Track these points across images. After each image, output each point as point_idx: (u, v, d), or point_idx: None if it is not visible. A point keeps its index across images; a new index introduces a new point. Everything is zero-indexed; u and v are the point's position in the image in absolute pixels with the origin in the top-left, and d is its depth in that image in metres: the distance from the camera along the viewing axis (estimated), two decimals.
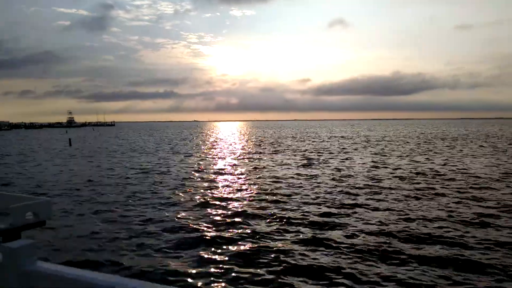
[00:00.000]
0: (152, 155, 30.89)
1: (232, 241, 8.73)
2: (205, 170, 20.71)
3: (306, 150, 33.97)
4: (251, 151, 33.86)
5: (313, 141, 47.65)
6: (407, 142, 43.22)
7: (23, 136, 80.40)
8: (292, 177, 17.64)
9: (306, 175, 18.42)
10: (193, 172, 19.93)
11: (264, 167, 21.51)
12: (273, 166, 22.01)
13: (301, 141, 49.10)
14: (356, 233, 9.12)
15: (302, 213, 11.03)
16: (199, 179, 17.74)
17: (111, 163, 25.03)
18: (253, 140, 53.89)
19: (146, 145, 43.65)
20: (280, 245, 8.36)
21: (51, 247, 8.44)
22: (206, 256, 7.79)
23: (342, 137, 59.70)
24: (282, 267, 7.14)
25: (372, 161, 23.96)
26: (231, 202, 12.78)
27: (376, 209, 11.54)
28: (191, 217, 10.81)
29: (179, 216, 10.98)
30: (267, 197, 13.38)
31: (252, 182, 16.51)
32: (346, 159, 25.72)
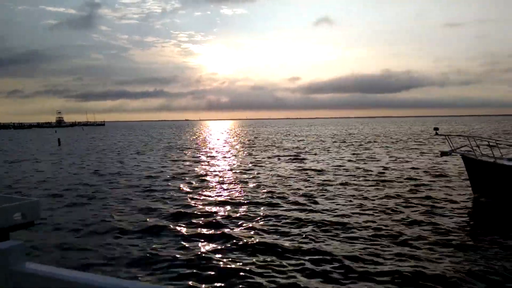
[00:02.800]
0: (146, 155, 31.19)
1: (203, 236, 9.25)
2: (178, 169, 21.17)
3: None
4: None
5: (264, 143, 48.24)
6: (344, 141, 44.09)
7: (11, 136, 79.82)
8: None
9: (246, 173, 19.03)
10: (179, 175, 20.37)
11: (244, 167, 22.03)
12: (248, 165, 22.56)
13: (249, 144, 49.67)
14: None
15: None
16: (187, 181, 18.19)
17: (101, 162, 25.35)
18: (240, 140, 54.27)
19: (139, 145, 43.86)
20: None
21: (40, 247, 8.63)
22: (200, 251, 8.29)
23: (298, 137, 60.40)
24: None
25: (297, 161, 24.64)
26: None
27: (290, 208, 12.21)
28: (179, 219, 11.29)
29: (168, 215, 11.46)
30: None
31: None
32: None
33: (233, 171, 20.73)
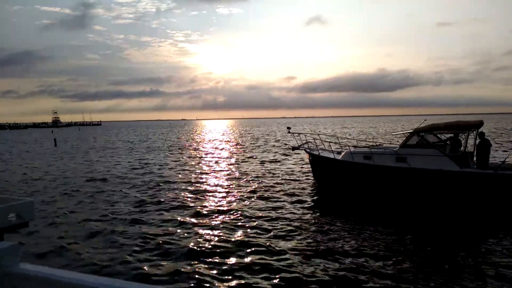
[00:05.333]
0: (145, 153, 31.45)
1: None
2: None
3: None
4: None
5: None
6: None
7: (7, 136, 79.57)
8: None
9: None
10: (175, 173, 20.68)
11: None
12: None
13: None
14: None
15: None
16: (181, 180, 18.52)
17: (99, 161, 25.63)
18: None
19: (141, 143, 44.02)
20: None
21: (35, 248, 8.87)
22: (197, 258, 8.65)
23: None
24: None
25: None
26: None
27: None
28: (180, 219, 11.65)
29: (163, 216, 11.81)
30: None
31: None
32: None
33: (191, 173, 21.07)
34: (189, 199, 13.89)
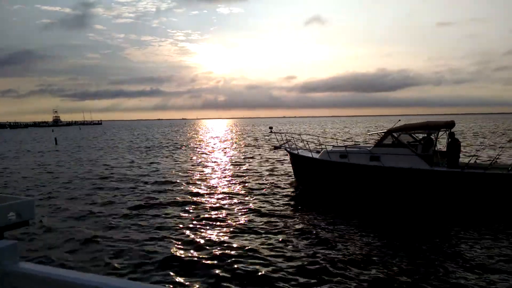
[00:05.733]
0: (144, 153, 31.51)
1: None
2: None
3: None
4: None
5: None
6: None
7: (8, 135, 79.67)
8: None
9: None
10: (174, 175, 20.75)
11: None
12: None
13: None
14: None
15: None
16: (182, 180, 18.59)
17: (98, 161, 25.71)
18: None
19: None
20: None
21: (34, 247, 8.95)
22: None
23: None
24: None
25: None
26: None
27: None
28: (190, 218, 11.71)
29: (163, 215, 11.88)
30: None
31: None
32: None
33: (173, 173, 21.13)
34: (176, 199, 13.95)
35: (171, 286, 6.85)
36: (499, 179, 11.97)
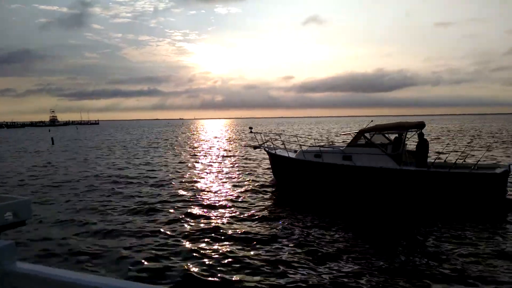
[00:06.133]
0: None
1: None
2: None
3: None
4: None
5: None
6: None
7: (5, 135, 79.38)
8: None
9: None
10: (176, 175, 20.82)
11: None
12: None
13: None
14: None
15: None
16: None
17: (93, 161, 25.70)
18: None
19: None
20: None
21: (32, 247, 8.96)
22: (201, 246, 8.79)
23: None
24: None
25: None
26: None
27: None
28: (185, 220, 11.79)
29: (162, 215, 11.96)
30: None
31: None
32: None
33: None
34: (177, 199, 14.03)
35: (172, 285, 6.90)
36: (460, 177, 12.45)
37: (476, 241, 8.98)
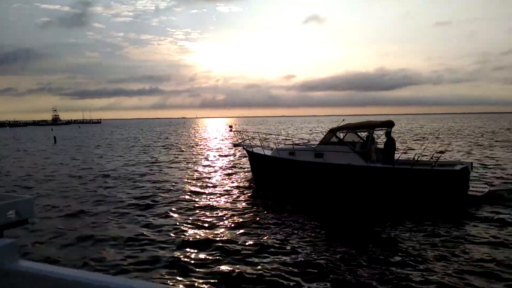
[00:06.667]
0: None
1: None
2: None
3: None
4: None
5: None
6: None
7: (8, 134, 79.58)
8: None
9: None
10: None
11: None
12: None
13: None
14: None
15: None
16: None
17: (96, 159, 25.82)
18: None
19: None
20: None
21: (34, 245, 8.98)
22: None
23: None
24: None
25: None
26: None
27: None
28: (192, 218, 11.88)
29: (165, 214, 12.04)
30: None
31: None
32: None
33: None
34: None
35: (173, 285, 6.95)
36: (422, 174, 12.92)
37: (436, 234, 9.41)
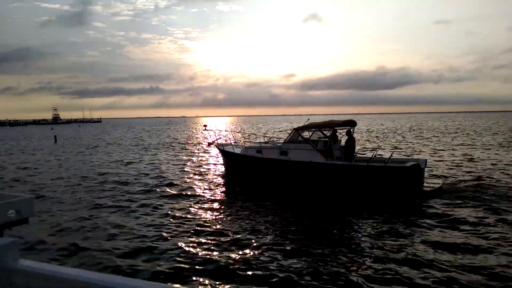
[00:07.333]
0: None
1: None
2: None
3: None
4: None
5: None
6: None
7: (7, 133, 79.61)
8: None
9: None
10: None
11: None
12: None
13: None
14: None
15: None
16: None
17: (96, 159, 25.80)
18: None
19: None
20: None
21: (34, 244, 8.96)
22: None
23: None
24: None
25: None
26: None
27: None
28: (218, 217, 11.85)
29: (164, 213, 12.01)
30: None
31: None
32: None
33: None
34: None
35: (174, 285, 6.92)
36: (375, 170, 13.58)
37: (388, 228, 9.91)
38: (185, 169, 21.05)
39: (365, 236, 9.47)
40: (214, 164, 23.12)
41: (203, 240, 9.16)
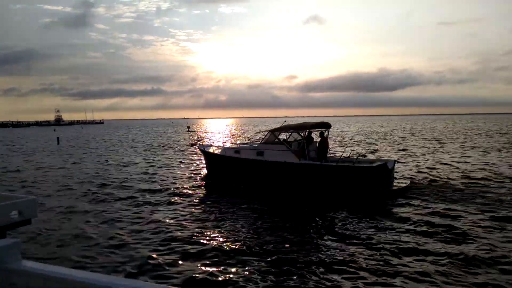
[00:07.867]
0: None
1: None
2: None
3: None
4: None
5: None
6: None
7: (10, 134, 79.81)
8: None
9: None
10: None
11: None
12: None
13: None
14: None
15: None
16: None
17: (98, 161, 25.87)
18: None
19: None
20: None
21: (37, 245, 9.01)
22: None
23: None
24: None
25: None
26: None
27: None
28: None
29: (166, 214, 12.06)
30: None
31: None
32: None
33: None
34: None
35: (176, 285, 6.92)
36: (343, 170, 14.12)
37: (354, 225, 10.37)
38: (170, 171, 21.26)
39: (329, 234, 9.69)
40: (196, 164, 23.80)
41: (180, 248, 8.88)
